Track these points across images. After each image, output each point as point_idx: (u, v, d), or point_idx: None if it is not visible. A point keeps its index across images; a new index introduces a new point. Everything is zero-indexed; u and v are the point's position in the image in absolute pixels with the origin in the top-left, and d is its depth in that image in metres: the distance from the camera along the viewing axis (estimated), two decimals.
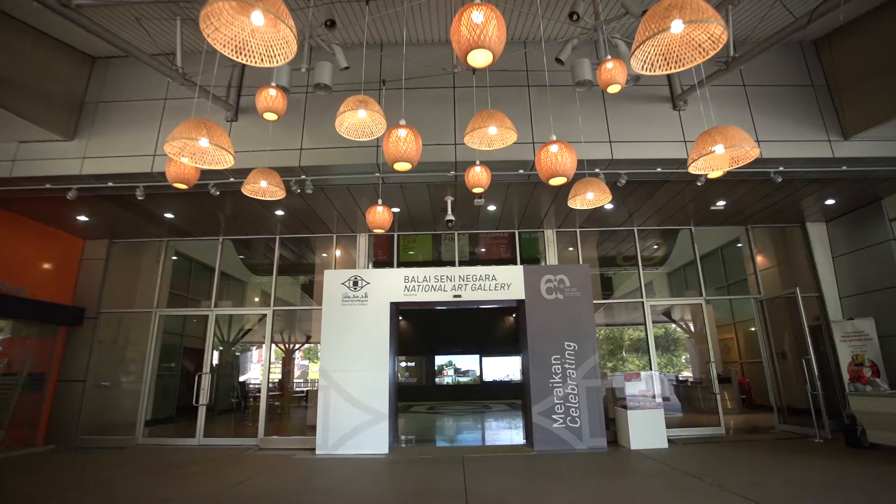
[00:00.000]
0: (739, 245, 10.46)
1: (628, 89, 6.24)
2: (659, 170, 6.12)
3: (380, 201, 4.95)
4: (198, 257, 10.74)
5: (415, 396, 18.59)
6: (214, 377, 8.71)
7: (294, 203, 7.43)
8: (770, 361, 8.78)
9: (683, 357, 15.06)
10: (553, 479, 5.47)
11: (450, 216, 7.11)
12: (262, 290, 10.17)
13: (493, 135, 3.64)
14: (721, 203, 7.87)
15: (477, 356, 19.63)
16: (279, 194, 4.59)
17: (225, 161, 3.40)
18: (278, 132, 6.02)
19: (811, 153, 6.08)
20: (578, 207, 4.63)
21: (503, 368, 19.47)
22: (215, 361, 13.98)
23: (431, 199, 7.36)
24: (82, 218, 7.93)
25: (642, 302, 8.78)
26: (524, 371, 8.11)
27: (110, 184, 6.20)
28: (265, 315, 8.92)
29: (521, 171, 6.08)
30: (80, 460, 6.99)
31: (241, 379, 16.67)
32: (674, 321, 14.62)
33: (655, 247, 10.50)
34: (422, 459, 6.73)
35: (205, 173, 6.05)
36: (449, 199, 7.16)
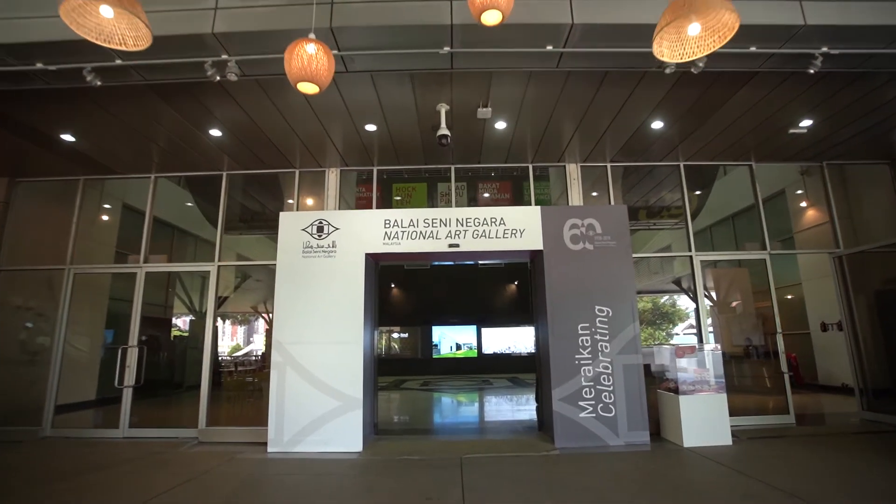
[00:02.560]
0: (800, 191, 8.55)
1: None
2: (753, 49, 4.12)
3: (312, 35, 2.94)
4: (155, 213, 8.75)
5: (407, 370, 16.96)
6: (144, 351, 6.85)
7: (233, 117, 5.43)
8: (850, 332, 6.95)
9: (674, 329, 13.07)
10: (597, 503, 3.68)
11: (443, 130, 5.14)
12: (237, 253, 8.30)
13: None
14: (805, 123, 5.90)
15: (474, 327, 17.93)
16: (141, 39, 2.60)
17: None
18: None
19: None
20: (666, 59, 2.69)
21: (503, 340, 17.79)
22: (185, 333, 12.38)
23: (419, 112, 5.36)
24: None
25: (690, 256, 6.90)
26: (540, 344, 6.29)
27: None
28: (209, 270, 7.02)
29: (549, 48, 4.06)
30: None
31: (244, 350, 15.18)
32: (682, 289, 12.84)
33: (696, 193, 8.55)
34: (406, 462, 4.95)
35: (69, 51, 4.02)
36: (442, 109, 5.17)
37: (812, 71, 4.13)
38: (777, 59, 4.29)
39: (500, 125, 5.75)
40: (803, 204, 8.82)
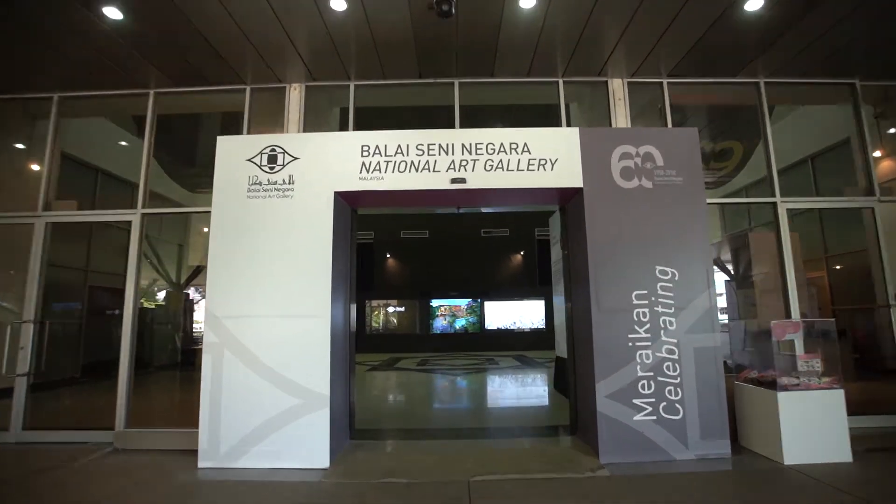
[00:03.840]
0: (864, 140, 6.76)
1: None
2: None
3: None
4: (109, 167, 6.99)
5: (403, 347, 15.43)
6: (46, 327, 5.19)
7: None
8: None
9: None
10: None
11: None
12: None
13: None
14: None
15: (477, 300, 16.34)
16: None
17: None
18: None
19: None
20: None
21: (508, 315, 16.20)
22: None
23: None
24: None
25: (774, 203, 5.20)
26: (575, 319, 4.63)
27: None
28: (130, 221, 5.31)
29: None
30: None
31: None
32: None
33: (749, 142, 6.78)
34: (389, 488, 3.36)
35: None
36: None
37: None
38: None
39: (527, 3, 3.96)
40: (878, 153, 7.08)
